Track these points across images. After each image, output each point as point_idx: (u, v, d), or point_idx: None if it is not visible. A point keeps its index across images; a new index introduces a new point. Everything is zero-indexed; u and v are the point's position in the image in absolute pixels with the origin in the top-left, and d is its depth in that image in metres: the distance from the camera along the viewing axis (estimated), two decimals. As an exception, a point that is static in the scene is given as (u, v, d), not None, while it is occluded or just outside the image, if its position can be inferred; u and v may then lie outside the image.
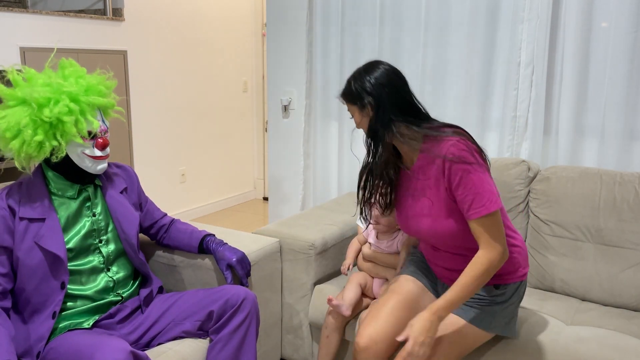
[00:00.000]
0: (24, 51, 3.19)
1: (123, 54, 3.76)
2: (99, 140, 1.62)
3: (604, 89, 2.24)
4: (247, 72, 4.92)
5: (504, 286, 1.63)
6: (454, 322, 1.60)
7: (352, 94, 1.60)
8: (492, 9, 2.43)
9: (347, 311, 1.88)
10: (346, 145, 2.95)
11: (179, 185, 4.39)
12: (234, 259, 1.77)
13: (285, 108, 3.15)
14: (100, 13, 3.71)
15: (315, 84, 3.01)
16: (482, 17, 2.45)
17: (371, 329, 1.60)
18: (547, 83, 2.35)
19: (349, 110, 1.64)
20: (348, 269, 2.05)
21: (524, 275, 1.66)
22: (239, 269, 1.78)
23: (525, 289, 1.70)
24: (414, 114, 1.59)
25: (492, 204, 1.49)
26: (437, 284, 1.76)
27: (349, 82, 1.63)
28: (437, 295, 1.74)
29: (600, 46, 2.24)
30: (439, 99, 2.62)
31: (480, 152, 1.55)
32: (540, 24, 2.30)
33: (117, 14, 3.73)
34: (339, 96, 1.66)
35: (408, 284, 1.72)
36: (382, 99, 1.55)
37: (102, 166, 1.65)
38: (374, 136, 1.59)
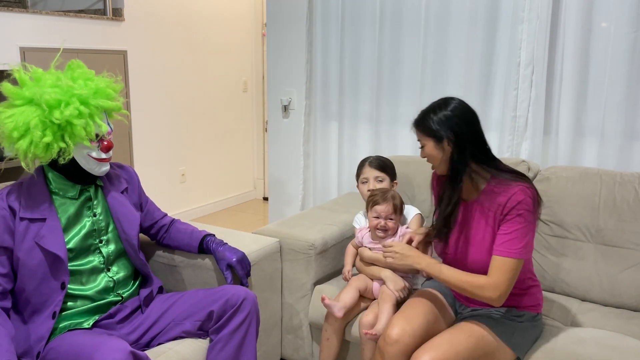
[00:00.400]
0: (24, 51, 3.19)
1: (123, 54, 3.76)
2: (104, 142, 1.63)
3: (604, 89, 2.24)
4: (247, 72, 4.92)
5: (522, 312, 1.71)
6: (478, 327, 1.64)
7: (431, 127, 1.64)
8: (492, 9, 2.43)
9: (339, 312, 1.89)
10: (346, 145, 2.95)
11: (179, 185, 4.39)
12: (234, 259, 1.77)
13: (285, 108, 3.15)
14: (100, 13, 3.71)
15: (315, 84, 3.01)
16: (482, 17, 2.45)
17: (405, 323, 1.65)
18: (547, 83, 2.35)
19: (419, 140, 1.70)
20: (349, 273, 2.06)
21: (540, 307, 1.75)
22: (239, 269, 1.78)
23: (542, 324, 1.77)
24: (485, 151, 1.67)
25: (522, 254, 1.58)
26: (456, 303, 1.83)
27: (426, 114, 1.67)
28: (455, 312, 1.81)
29: (600, 46, 2.24)
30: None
31: (539, 204, 1.63)
32: (540, 24, 2.30)
33: (117, 14, 3.73)
34: (413, 126, 1.71)
35: (434, 294, 1.80)
36: (462, 136, 1.62)
37: (105, 168, 1.66)
38: (455, 172, 1.65)
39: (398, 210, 1.97)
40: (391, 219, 1.96)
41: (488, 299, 1.58)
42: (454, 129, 1.62)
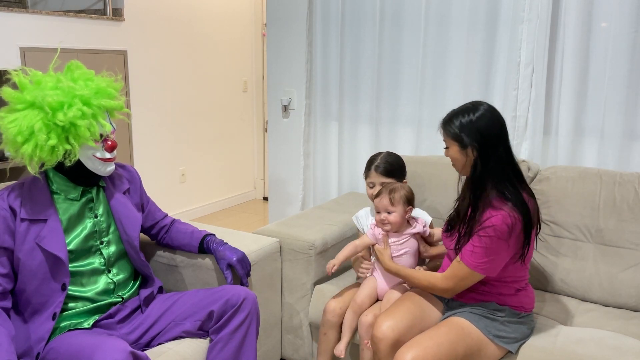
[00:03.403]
0: (24, 51, 3.19)
1: (123, 54, 3.76)
2: (108, 142, 1.62)
3: (604, 89, 2.24)
4: (247, 72, 4.92)
5: (503, 307, 1.73)
6: (459, 321, 1.69)
7: (456, 132, 1.66)
8: (492, 9, 2.43)
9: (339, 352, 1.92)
10: (346, 145, 2.95)
11: (179, 185, 4.39)
12: (234, 259, 1.77)
13: (285, 108, 3.15)
14: (100, 13, 3.71)
15: (315, 84, 3.01)
16: (482, 17, 2.45)
17: (388, 319, 1.71)
18: (547, 83, 2.35)
19: (444, 140, 1.72)
20: (334, 268, 1.96)
21: (529, 310, 1.77)
22: (239, 269, 1.78)
23: (533, 324, 1.78)
24: (502, 167, 1.66)
25: (480, 269, 1.64)
26: (444, 298, 1.86)
27: (453, 116, 1.68)
28: (444, 305, 1.85)
29: (600, 46, 2.24)
30: (438, 99, 2.62)
31: (523, 234, 1.63)
32: (540, 24, 2.30)
33: (117, 14, 3.73)
34: (440, 126, 1.73)
35: (419, 291, 1.86)
36: (486, 146, 1.63)
37: (110, 168, 1.65)
38: (477, 181, 1.66)
39: (397, 202, 1.91)
40: (389, 212, 1.91)
41: (440, 293, 1.74)
42: (477, 139, 1.63)
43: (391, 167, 2.05)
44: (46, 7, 3.70)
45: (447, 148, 1.73)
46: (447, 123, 1.69)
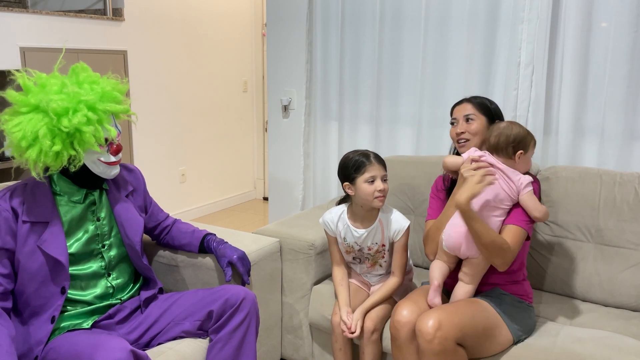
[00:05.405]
0: (24, 51, 3.19)
1: (123, 54, 3.76)
2: (114, 146, 1.61)
3: (604, 89, 2.24)
4: (247, 72, 4.92)
5: (506, 293, 1.81)
6: (478, 300, 1.74)
7: (489, 107, 1.90)
8: (492, 9, 2.43)
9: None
10: (346, 146, 2.94)
11: (179, 185, 4.39)
12: (235, 257, 1.77)
13: (285, 108, 3.15)
14: (100, 13, 3.71)
15: (315, 84, 3.01)
16: (482, 17, 2.45)
17: (411, 304, 1.73)
18: (547, 83, 2.35)
19: (470, 114, 1.88)
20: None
21: (531, 301, 1.85)
22: (239, 266, 1.77)
23: (535, 319, 1.82)
24: None
25: (529, 228, 1.76)
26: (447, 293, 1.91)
27: (481, 97, 1.93)
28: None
29: (600, 46, 2.23)
30: (438, 99, 2.62)
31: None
32: (540, 24, 2.30)
33: (117, 14, 3.73)
34: (466, 101, 1.91)
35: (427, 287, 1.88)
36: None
37: (115, 171, 1.64)
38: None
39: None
40: None
41: (501, 261, 1.68)
42: (499, 115, 1.92)
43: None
44: (46, 7, 3.70)
45: (469, 121, 1.87)
46: (479, 99, 1.91)
